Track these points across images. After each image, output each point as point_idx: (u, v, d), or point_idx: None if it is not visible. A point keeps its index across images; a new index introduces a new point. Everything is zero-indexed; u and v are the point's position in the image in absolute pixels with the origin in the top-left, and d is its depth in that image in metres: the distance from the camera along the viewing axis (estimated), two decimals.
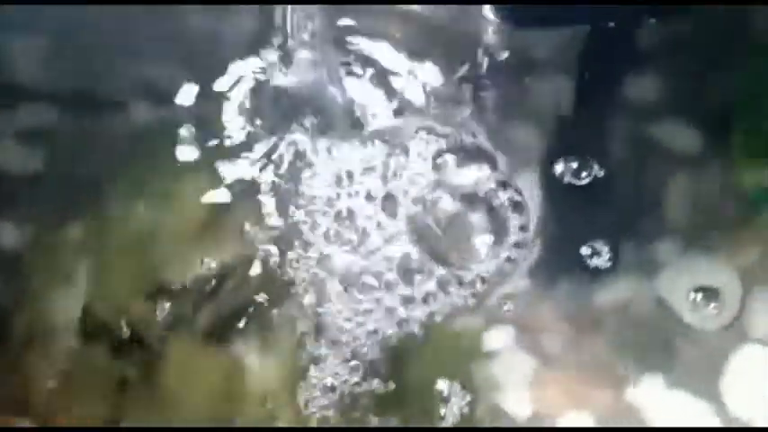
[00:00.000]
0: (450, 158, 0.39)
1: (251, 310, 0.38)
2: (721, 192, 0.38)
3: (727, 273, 0.36)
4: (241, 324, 0.38)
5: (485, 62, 0.40)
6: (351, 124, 0.39)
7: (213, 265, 0.39)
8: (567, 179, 0.38)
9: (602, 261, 0.37)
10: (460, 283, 0.37)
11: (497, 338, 0.38)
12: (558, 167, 0.38)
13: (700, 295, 0.36)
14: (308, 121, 0.39)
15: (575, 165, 0.38)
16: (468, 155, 0.39)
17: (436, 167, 0.38)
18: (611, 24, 0.38)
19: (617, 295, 0.37)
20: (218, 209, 0.40)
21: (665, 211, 0.38)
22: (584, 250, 0.37)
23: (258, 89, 0.41)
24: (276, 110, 0.41)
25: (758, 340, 0.36)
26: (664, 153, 0.39)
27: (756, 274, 0.37)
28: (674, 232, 0.38)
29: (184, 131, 0.42)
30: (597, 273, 0.37)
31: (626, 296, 0.37)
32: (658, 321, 0.37)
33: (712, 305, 0.36)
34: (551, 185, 0.38)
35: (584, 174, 0.38)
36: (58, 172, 0.42)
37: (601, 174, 0.38)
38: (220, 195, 0.40)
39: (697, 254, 0.37)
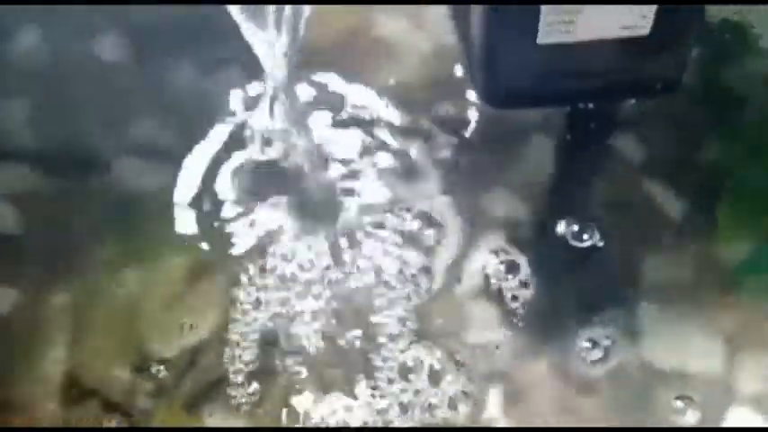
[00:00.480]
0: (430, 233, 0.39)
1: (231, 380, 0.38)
2: (705, 261, 0.39)
3: (710, 341, 0.37)
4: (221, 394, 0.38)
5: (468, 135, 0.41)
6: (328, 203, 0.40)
7: (196, 332, 0.39)
8: (559, 242, 0.38)
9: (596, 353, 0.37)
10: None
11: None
12: (547, 231, 0.38)
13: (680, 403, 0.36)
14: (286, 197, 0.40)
15: (563, 228, 0.38)
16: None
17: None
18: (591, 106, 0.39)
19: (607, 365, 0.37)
20: (203, 274, 0.40)
21: (649, 277, 0.39)
22: (582, 343, 0.37)
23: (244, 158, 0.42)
24: (259, 180, 0.41)
25: (746, 402, 0.36)
26: (649, 220, 0.40)
27: (740, 341, 0.37)
28: (656, 298, 0.38)
29: (170, 194, 0.42)
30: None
31: (613, 363, 0.37)
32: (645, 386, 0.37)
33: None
34: (539, 251, 0.39)
35: (572, 238, 0.38)
36: (42, 235, 0.42)
37: (588, 241, 0.39)
38: (205, 261, 0.40)
39: (680, 321, 0.38)
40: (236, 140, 0.42)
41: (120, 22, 0.46)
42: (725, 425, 0.36)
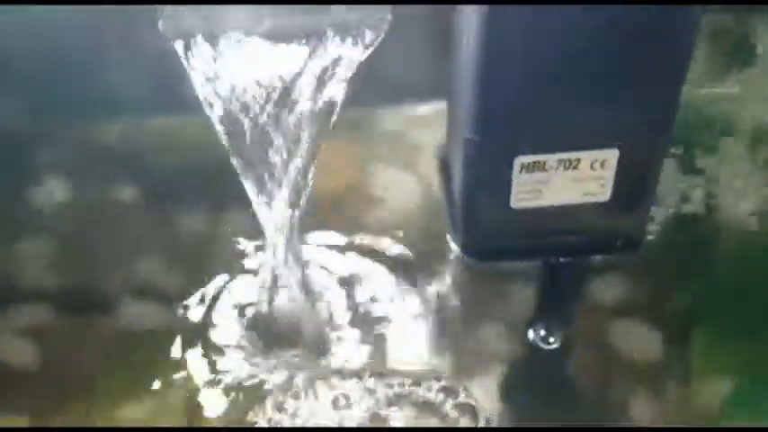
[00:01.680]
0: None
1: None
2: (682, 401, 0.41)
3: None
4: None
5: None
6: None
7: None
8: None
9: None
10: None
11: None
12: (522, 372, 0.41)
13: None
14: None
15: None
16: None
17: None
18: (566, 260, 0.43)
19: None
20: (207, 407, 0.43)
21: (629, 415, 0.41)
22: None
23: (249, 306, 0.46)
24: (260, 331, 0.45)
25: None
26: (625, 361, 0.43)
27: None
28: None
29: (172, 334, 0.45)
30: None
31: None
32: None
33: None
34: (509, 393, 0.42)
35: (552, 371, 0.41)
36: (53, 369, 0.45)
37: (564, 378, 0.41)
38: (209, 394, 0.43)
39: None
40: (239, 287, 0.46)
41: (138, 169, 0.51)
42: None
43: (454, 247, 0.44)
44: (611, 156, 0.37)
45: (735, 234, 0.46)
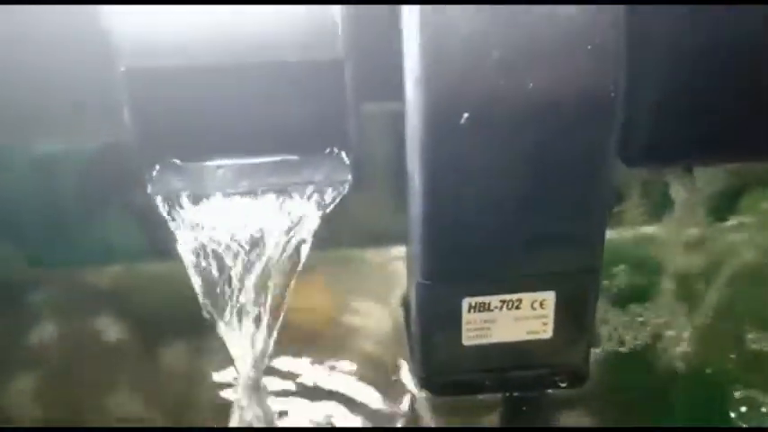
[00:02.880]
0: None
1: None
2: None
3: None
4: None
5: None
6: None
7: None
8: None
9: None
10: None
11: None
12: None
13: None
14: None
15: None
16: None
17: None
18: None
19: None
20: None
21: None
22: None
23: None
24: None
25: None
26: None
27: None
28: None
29: None
30: None
31: None
32: None
33: None
34: None
35: None
36: None
37: None
38: None
39: None
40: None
41: (122, 304, 0.55)
42: None
43: (413, 381, 0.47)
44: (549, 297, 0.42)
45: (665, 373, 0.50)
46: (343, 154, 0.41)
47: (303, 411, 0.49)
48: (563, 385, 0.45)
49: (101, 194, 0.48)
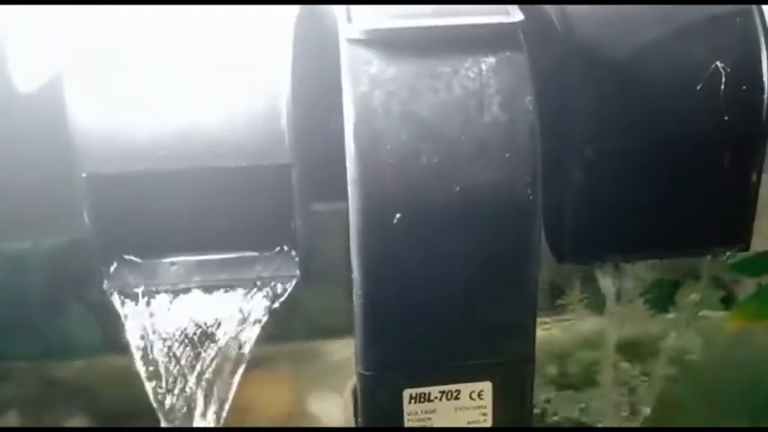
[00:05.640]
0: None
1: None
2: None
3: None
4: None
5: None
6: None
7: None
8: None
9: None
10: None
11: None
12: None
13: None
14: None
15: None
16: None
17: None
18: None
19: None
20: None
21: None
22: None
23: None
24: None
25: None
26: None
27: None
28: None
29: None
30: None
31: None
32: None
33: None
34: None
35: None
36: None
37: None
38: None
39: None
40: None
41: (84, 397, 0.56)
42: None
43: None
44: (486, 387, 0.44)
45: None
46: (293, 252, 0.44)
47: None
48: None
49: (64, 289, 0.51)
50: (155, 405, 0.41)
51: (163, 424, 0.43)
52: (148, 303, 0.41)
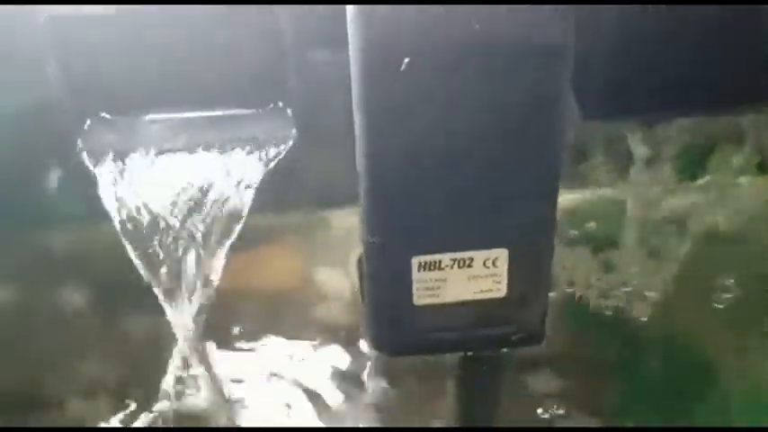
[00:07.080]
0: None
1: None
2: None
3: None
4: None
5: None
6: None
7: None
8: None
9: None
10: None
11: None
12: None
13: None
14: None
15: None
16: None
17: None
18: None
19: None
20: None
21: None
22: None
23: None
24: None
25: None
26: None
27: None
28: None
29: None
30: None
31: None
32: None
33: None
34: None
35: None
36: None
37: None
38: None
39: None
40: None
41: (82, 273, 0.53)
42: None
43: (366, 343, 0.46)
44: (502, 254, 0.40)
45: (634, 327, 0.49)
46: (288, 109, 0.40)
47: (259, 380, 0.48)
48: (519, 345, 0.44)
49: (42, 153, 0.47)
50: (142, 273, 0.38)
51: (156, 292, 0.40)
52: (124, 164, 0.37)
